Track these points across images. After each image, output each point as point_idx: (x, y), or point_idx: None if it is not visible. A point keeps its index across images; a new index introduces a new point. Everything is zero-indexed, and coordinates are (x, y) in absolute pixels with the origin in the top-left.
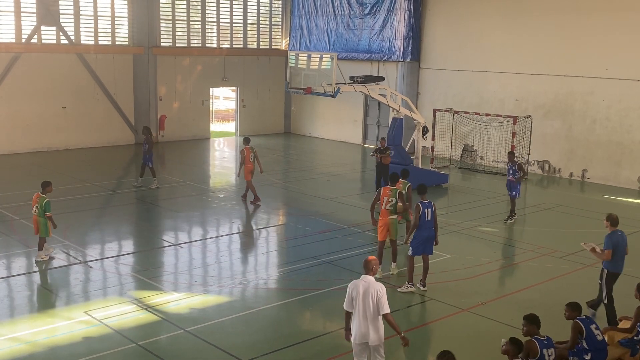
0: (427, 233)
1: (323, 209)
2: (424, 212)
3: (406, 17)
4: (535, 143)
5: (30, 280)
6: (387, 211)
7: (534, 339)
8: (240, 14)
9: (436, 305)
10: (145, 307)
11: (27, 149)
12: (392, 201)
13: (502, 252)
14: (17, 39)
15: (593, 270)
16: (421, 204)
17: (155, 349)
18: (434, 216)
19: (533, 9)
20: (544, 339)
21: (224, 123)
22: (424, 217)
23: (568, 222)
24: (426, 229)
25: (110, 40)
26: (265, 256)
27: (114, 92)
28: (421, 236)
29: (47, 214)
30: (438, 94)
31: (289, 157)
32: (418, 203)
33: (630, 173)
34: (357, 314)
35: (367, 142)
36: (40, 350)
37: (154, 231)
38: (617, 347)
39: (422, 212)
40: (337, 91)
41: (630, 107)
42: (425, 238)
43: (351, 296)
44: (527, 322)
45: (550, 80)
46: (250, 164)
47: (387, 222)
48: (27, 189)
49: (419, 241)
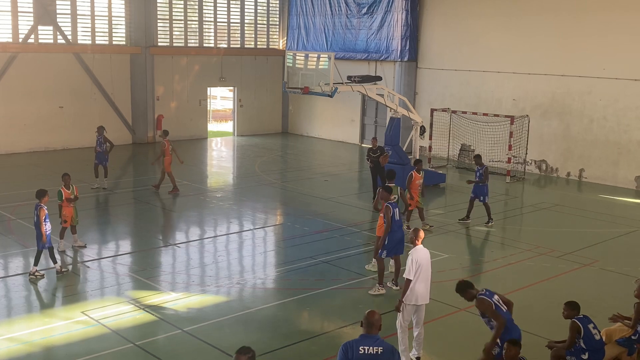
0: (399, 234)
1: (320, 209)
2: (394, 212)
3: (403, 16)
4: (533, 143)
5: (27, 280)
6: None
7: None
8: (238, 14)
9: (434, 304)
10: (142, 307)
11: (25, 149)
12: (393, 199)
13: (499, 252)
14: (14, 38)
15: (590, 270)
16: (390, 204)
17: (153, 349)
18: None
19: (530, 9)
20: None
21: (221, 123)
22: (395, 217)
23: (565, 222)
24: (398, 230)
25: (107, 40)
26: (262, 256)
27: (111, 92)
28: (394, 238)
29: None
30: (435, 94)
31: (287, 157)
32: (387, 204)
33: (628, 172)
34: (422, 279)
35: (364, 141)
36: (38, 350)
37: (151, 231)
38: (615, 346)
39: (392, 213)
40: (335, 91)
41: (628, 107)
42: (399, 239)
43: (419, 264)
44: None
45: (548, 79)
46: (170, 155)
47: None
48: (24, 189)
49: (392, 244)
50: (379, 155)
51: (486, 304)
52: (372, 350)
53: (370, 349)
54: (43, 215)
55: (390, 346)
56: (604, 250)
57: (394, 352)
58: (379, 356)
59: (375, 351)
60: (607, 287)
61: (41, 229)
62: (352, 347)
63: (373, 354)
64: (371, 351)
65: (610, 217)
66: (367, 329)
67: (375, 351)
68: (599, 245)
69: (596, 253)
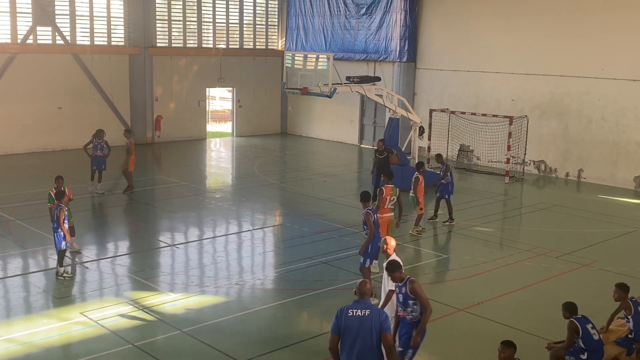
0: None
1: (319, 209)
2: (376, 218)
3: (402, 17)
4: (532, 143)
5: (26, 281)
6: (388, 209)
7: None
8: (237, 14)
9: (432, 305)
10: (141, 308)
11: (23, 150)
12: (393, 200)
13: (498, 252)
14: (12, 39)
15: (589, 270)
16: (370, 211)
17: (152, 350)
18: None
19: (529, 9)
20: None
21: (220, 123)
22: (376, 224)
23: (564, 222)
24: (379, 238)
25: (106, 41)
26: (261, 257)
27: (110, 93)
28: (376, 246)
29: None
30: (434, 94)
31: (286, 158)
32: (368, 211)
33: (626, 173)
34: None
35: (363, 142)
36: (37, 351)
37: (150, 232)
38: (614, 347)
39: (374, 219)
40: (334, 91)
41: (626, 107)
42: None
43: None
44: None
45: (547, 80)
46: (134, 155)
47: (387, 219)
48: (23, 190)
49: (374, 252)
50: (386, 156)
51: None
52: (359, 312)
53: (358, 312)
54: (63, 215)
55: (377, 309)
56: (602, 251)
57: (380, 314)
58: (365, 317)
59: (363, 313)
60: (606, 288)
61: (62, 228)
62: (343, 312)
63: (360, 315)
64: (359, 313)
65: (609, 217)
66: (360, 297)
67: (363, 313)
68: (598, 245)
69: (595, 253)
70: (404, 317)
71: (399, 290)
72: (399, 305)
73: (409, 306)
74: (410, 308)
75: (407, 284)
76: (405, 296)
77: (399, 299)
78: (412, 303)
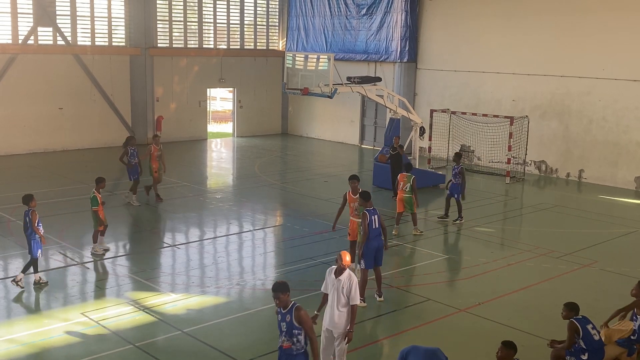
0: (376, 243)
1: (320, 210)
2: (371, 219)
3: (403, 17)
4: (532, 143)
5: (27, 281)
6: (402, 191)
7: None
8: (237, 15)
9: (433, 305)
10: (142, 309)
11: (24, 150)
12: (407, 187)
13: (499, 253)
14: (13, 40)
15: (590, 271)
16: (367, 211)
17: (153, 350)
18: (381, 223)
19: (530, 10)
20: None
21: (221, 124)
22: (372, 225)
23: (565, 223)
24: (375, 239)
25: (107, 41)
26: (262, 257)
27: (111, 93)
28: (371, 247)
29: (93, 209)
30: (435, 95)
31: (286, 158)
32: (364, 211)
33: (627, 173)
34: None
35: (364, 142)
36: (37, 351)
37: (151, 232)
38: (615, 347)
39: (369, 220)
40: (334, 92)
41: (627, 108)
42: (376, 249)
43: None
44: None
45: (547, 80)
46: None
47: (402, 197)
48: (23, 191)
49: (369, 254)
50: (398, 152)
51: None
52: None
53: None
54: (36, 218)
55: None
56: (603, 251)
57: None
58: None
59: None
60: (607, 288)
61: (37, 232)
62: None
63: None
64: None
65: (610, 217)
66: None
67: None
68: (599, 245)
69: (596, 254)
70: (288, 347)
71: (282, 319)
72: (281, 336)
73: (293, 336)
74: (296, 338)
75: (292, 311)
76: (289, 325)
77: (281, 327)
78: (297, 332)
